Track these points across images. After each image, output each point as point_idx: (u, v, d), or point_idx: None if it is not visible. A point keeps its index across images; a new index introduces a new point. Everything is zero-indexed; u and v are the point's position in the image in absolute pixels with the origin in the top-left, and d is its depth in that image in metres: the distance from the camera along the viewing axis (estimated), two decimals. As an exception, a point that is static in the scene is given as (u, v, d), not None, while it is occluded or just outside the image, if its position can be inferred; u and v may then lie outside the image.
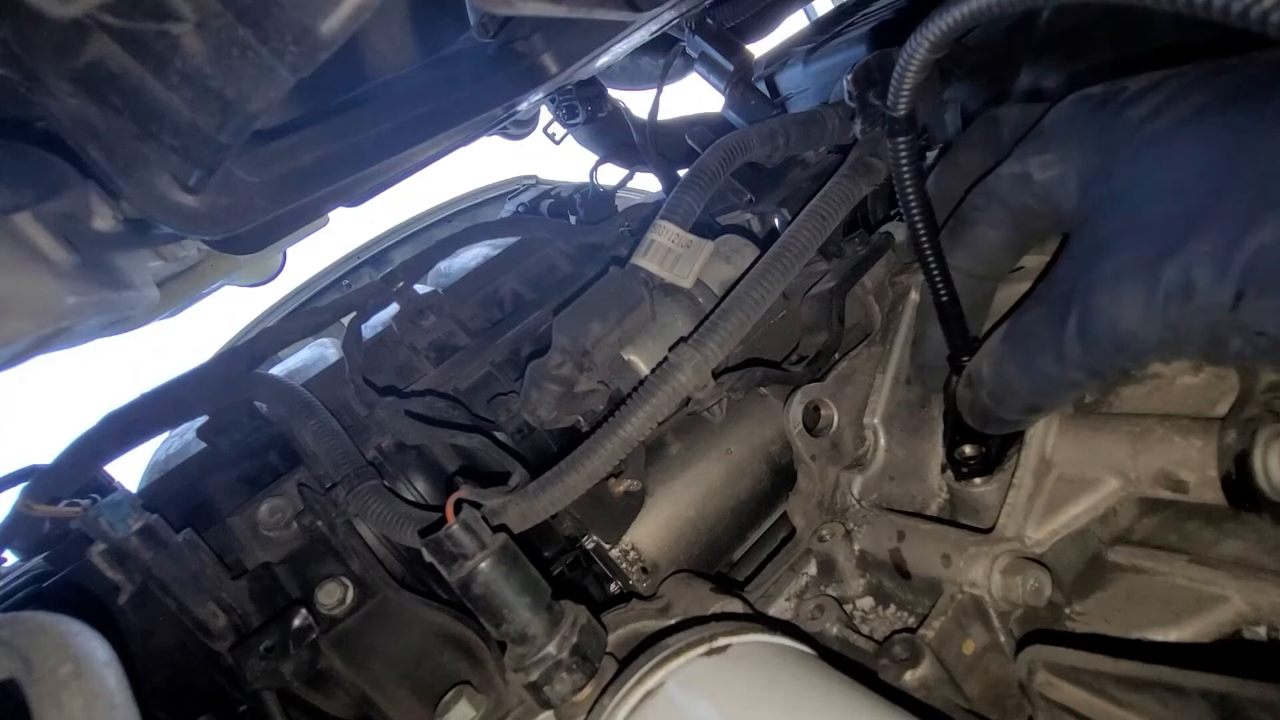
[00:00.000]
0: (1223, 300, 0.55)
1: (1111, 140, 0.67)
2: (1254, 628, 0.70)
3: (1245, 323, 0.55)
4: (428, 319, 1.17)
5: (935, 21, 0.63)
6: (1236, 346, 0.57)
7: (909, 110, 0.74)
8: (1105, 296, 0.63)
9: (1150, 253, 0.60)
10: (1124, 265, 0.62)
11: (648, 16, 0.90)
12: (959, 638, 0.78)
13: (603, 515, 0.95)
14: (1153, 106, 0.64)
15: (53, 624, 0.65)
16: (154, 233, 0.96)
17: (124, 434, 1.04)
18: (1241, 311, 0.55)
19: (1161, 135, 0.63)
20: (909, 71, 0.69)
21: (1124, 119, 0.66)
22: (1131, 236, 0.63)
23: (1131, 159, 0.65)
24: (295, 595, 0.92)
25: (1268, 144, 0.54)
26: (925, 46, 0.66)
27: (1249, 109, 0.57)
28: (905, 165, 0.78)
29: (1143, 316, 0.61)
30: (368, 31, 0.99)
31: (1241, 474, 0.69)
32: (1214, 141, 0.58)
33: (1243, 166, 0.55)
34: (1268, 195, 0.53)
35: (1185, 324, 0.59)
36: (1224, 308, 0.56)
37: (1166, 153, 0.62)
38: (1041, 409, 0.78)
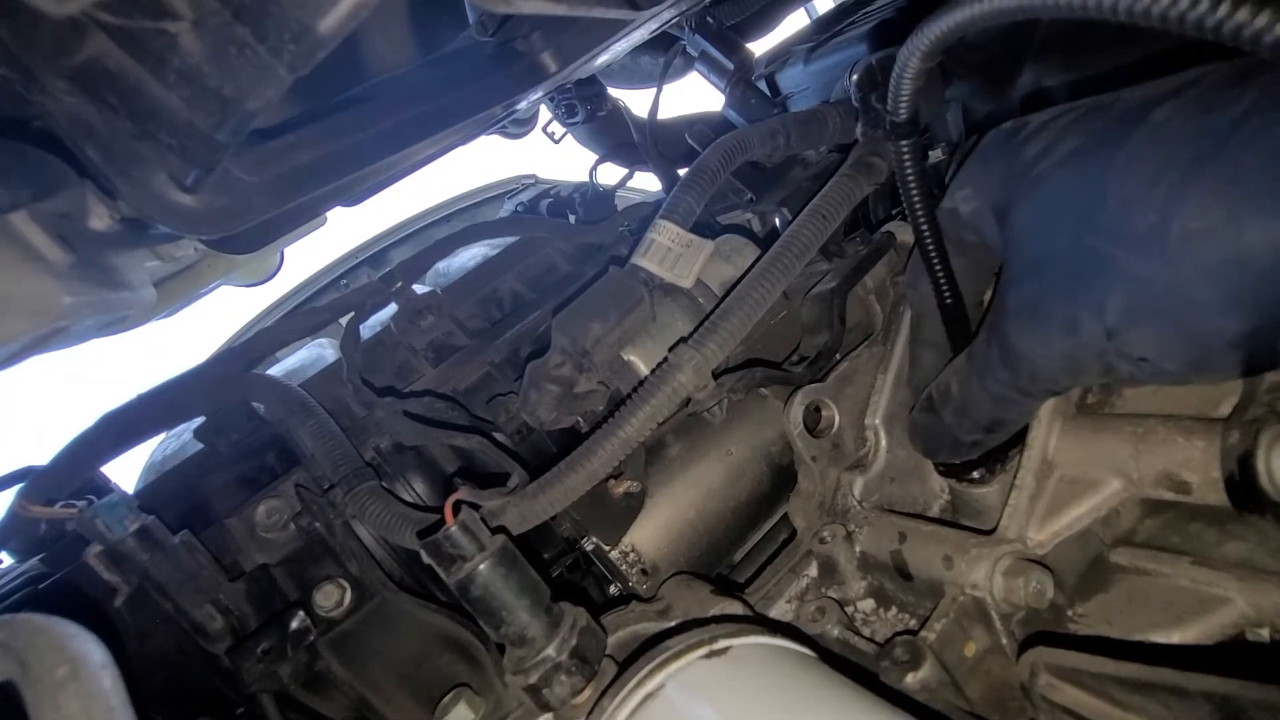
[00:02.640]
0: (1099, 335, 0.62)
1: (1011, 177, 0.72)
2: (1257, 629, 0.69)
3: (1125, 351, 0.61)
4: (426, 319, 1.17)
5: (928, 29, 0.65)
6: (1128, 371, 0.63)
7: (910, 114, 0.75)
8: (1011, 327, 0.70)
9: (1043, 289, 0.66)
10: (1023, 300, 0.69)
11: (647, 15, 0.89)
12: (961, 640, 0.78)
13: (602, 516, 0.94)
14: (1042, 146, 0.70)
15: (49, 626, 0.64)
16: (151, 232, 0.95)
17: (121, 435, 1.04)
18: (1118, 343, 0.61)
19: (1045, 177, 0.68)
20: (906, 77, 0.71)
21: (1021, 158, 0.71)
22: (1029, 272, 0.69)
23: (1025, 198, 0.70)
24: (293, 597, 0.91)
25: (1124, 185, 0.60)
26: (919, 54, 0.68)
27: (1107, 152, 0.62)
28: (909, 167, 0.80)
29: (1042, 348, 0.67)
30: (366, 30, 0.98)
31: (1245, 475, 0.69)
32: (1085, 183, 0.64)
33: (1106, 207, 0.61)
34: (1124, 235, 0.59)
35: (1078, 354, 0.65)
36: (1103, 339, 0.62)
37: (1048, 193, 0.68)
38: (1001, 423, 0.81)
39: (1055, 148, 0.68)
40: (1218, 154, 0.54)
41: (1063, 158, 0.67)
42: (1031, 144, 0.71)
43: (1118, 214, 0.60)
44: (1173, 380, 0.63)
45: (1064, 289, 0.64)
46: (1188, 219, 0.55)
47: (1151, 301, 0.59)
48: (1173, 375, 0.62)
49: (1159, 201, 0.57)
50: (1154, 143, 0.59)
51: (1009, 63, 1.09)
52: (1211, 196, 0.54)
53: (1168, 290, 0.57)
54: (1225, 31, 0.43)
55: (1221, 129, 0.55)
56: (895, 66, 0.71)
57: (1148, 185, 0.58)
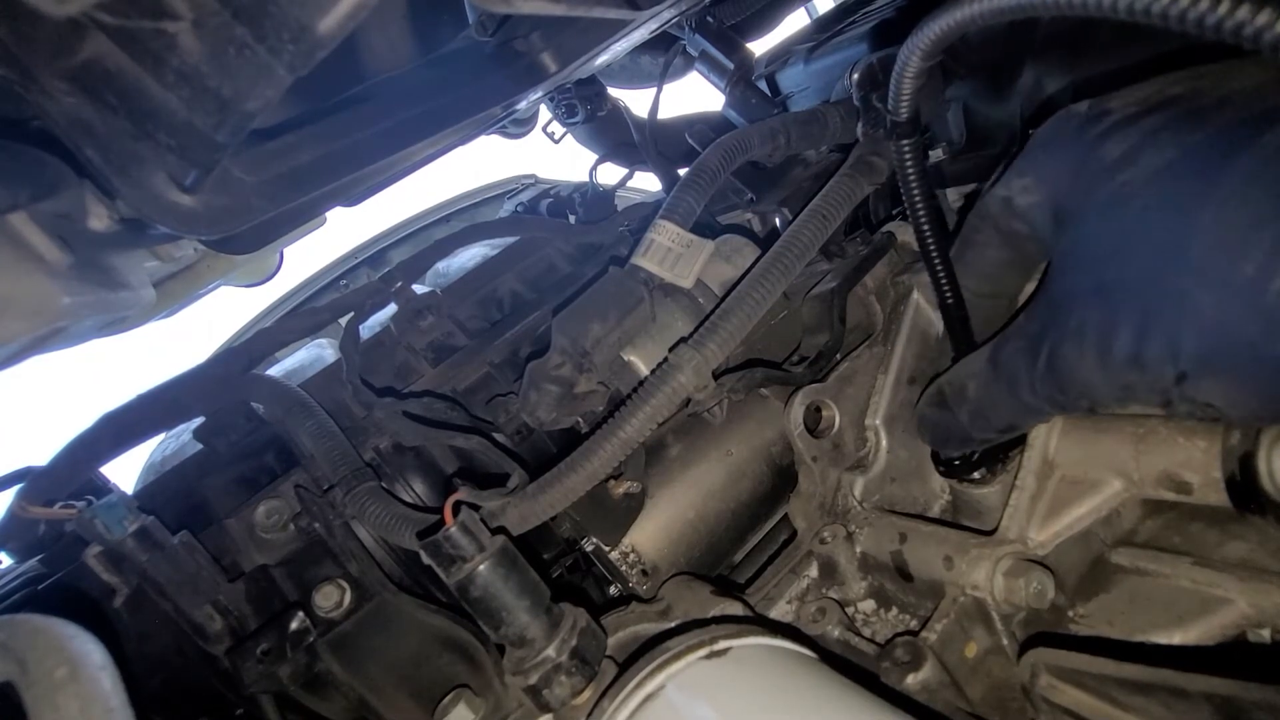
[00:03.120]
0: (1168, 377, 0.58)
1: (1084, 179, 0.67)
2: (1258, 630, 0.69)
3: (1191, 396, 0.58)
4: (426, 319, 1.17)
5: (928, 28, 0.64)
6: (1186, 410, 0.60)
7: (911, 113, 0.74)
8: (1069, 348, 0.66)
9: (1108, 316, 0.62)
10: (1085, 322, 0.64)
11: (647, 15, 0.89)
12: (961, 640, 0.78)
13: (602, 517, 0.94)
14: (1124, 150, 0.63)
15: (48, 627, 0.64)
16: (150, 232, 0.95)
17: (120, 435, 1.04)
18: (1186, 388, 0.58)
19: (1128, 194, 0.62)
20: (907, 77, 0.70)
21: (1098, 158, 0.65)
22: (1094, 293, 0.64)
23: (1100, 210, 0.65)
24: (292, 598, 0.91)
25: (1222, 223, 0.54)
26: (920, 52, 0.66)
27: (1208, 181, 0.56)
28: (910, 167, 0.79)
29: (1100, 375, 0.63)
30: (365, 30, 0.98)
31: (1246, 475, 0.68)
32: (1174, 208, 0.58)
33: (1198, 244, 0.56)
34: (1213, 280, 0.54)
35: (1137, 389, 0.61)
36: (1170, 382, 0.58)
37: (1129, 214, 0.62)
38: (1018, 428, 0.79)
39: (1141, 156, 0.62)
40: None
41: (1152, 172, 0.60)
42: (1111, 143, 0.65)
43: (1209, 255, 0.54)
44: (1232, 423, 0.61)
45: (1136, 322, 0.59)
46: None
47: (1233, 355, 0.54)
48: (1235, 420, 0.59)
49: (1262, 251, 0.51)
50: (1263, 177, 0.53)
51: (1010, 62, 1.09)
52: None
53: (1255, 347, 0.53)
54: (1225, 30, 0.43)
55: None
56: (896, 65, 0.70)
57: (1249, 228, 0.52)
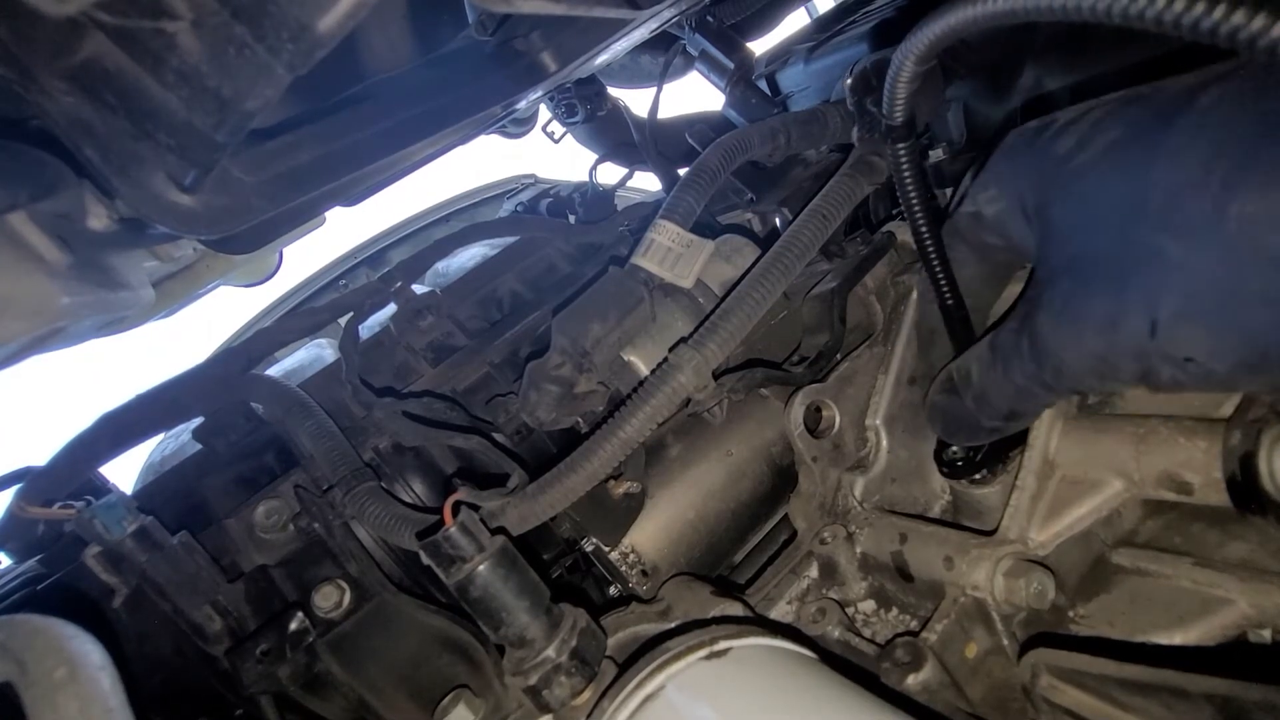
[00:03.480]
0: (1142, 329, 0.58)
1: (1043, 173, 0.70)
2: (1258, 630, 0.69)
3: (1171, 352, 0.58)
4: (425, 319, 1.16)
5: (921, 33, 0.64)
6: (1169, 374, 0.59)
7: (906, 117, 0.75)
8: (1043, 320, 0.67)
9: (1081, 285, 0.63)
10: (1058, 295, 0.65)
11: (647, 14, 0.89)
12: (962, 641, 0.78)
13: (602, 517, 0.94)
14: (1075, 140, 0.67)
15: (47, 627, 0.64)
16: (149, 232, 0.95)
17: (119, 435, 1.04)
18: (1162, 342, 0.57)
19: (1083, 169, 0.65)
20: (900, 82, 0.71)
21: (1052, 153, 0.68)
22: (1067, 268, 0.66)
23: (1061, 193, 0.67)
24: (292, 598, 0.91)
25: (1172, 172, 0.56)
26: (913, 58, 0.67)
27: (1151, 141, 0.59)
28: (906, 170, 0.79)
29: (1075, 346, 0.64)
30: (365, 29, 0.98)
31: (1247, 476, 0.68)
32: (1128, 173, 0.60)
33: (1153, 197, 0.57)
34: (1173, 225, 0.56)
35: (1114, 353, 0.61)
36: (1144, 336, 0.58)
37: (1087, 187, 0.64)
38: (1020, 415, 0.79)
39: (1091, 140, 0.65)
40: (1276, 137, 0.51)
41: (1102, 149, 0.64)
42: (1063, 139, 0.68)
43: (1166, 203, 0.56)
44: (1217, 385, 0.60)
45: (1105, 285, 0.61)
46: (1245, 204, 0.51)
47: (1203, 295, 0.55)
48: (1219, 378, 0.58)
49: (1214, 187, 0.53)
50: (1204, 127, 0.55)
51: (1010, 62, 1.09)
52: (1271, 180, 0.50)
53: (1222, 282, 0.54)
54: (1221, 34, 0.43)
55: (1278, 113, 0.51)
56: (890, 70, 0.70)
57: (1199, 171, 0.54)
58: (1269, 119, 0.52)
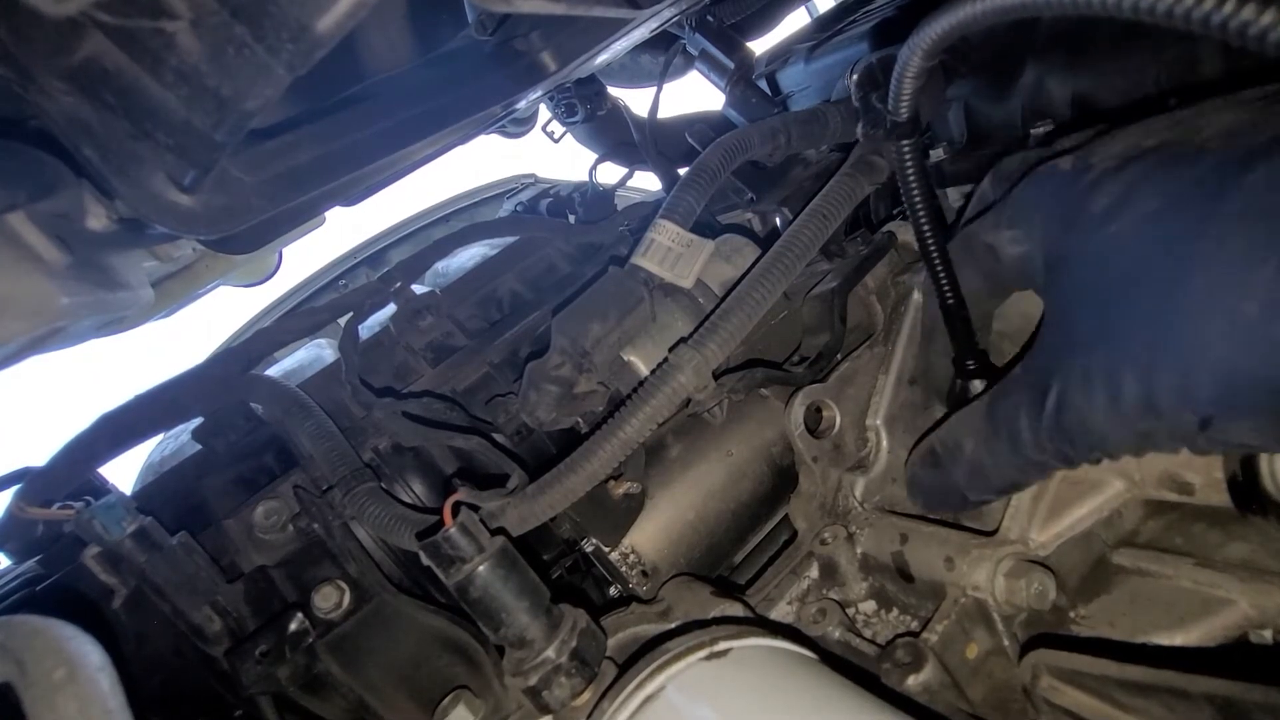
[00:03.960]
0: (1190, 423, 0.56)
1: (1074, 230, 0.66)
2: (1260, 631, 0.69)
3: (1222, 439, 0.56)
4: (425, 319, 1.16)
5: (929, 28, 0.63)
6: (1214, 449, 0.58)
7: (911, 113, 0.74)
8: (1076, 396, 0.63)
9: (1116, 359, 0.60)
10: (1092, 367, 0.62)
11: (647, 14, 0.89)
12: (962, 641, 0.78)
13: (602, 518, 0.94)
14: (1112, 200, 0.63)
15: (46, 628, 0.64)
16: (149, 232, 0.95)
17: (118, 436, 1.03)
18: (1214, 432, 0.55)
19: (1122, 239, 0.62)
20: (907, 77, 0.70)
21: (1086, 210, 0.65)
22: (1098, 338, 0.62)
23: (1095, 257, 0.64)
24: (291, 599, 0.91)
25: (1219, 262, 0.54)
26: (920, 53, 0.66)
27: (1198, 214, 0.56)
28: (910, 167, 0.79)
29: (1112, 423, 0.61)
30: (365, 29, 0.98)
31: (1248, 476, 0.68)
32: (1171, 253, 0.57)
33: (1197, 284, 0.55)
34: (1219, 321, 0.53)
35: (1156, 435, 0.59)
36: (1194, 428, 0.56)
37: (1123, 259, 0.61)
38: (1020, 486, 0.77)
39: (1129, 204, 0.62)
40: None
41: (1140, 219, 0.60)
42: (1099, 194, 0.64)
43: (1210, 294, 0.53)
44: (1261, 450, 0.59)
45: (1140, 365, 0.58)
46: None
47: (1256, 395, 0.52)
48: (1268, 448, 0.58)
49: (1263, 288, 0.50)
50: (1252, 215, 0.52)
51: (1012, 61, 1.09)
52: None
53: (1269, 384, 0.51)
54: (1231, 30, 0.43)
55: None
56: (896, 65, 0.69)
57: (1247, 266, 0.51)
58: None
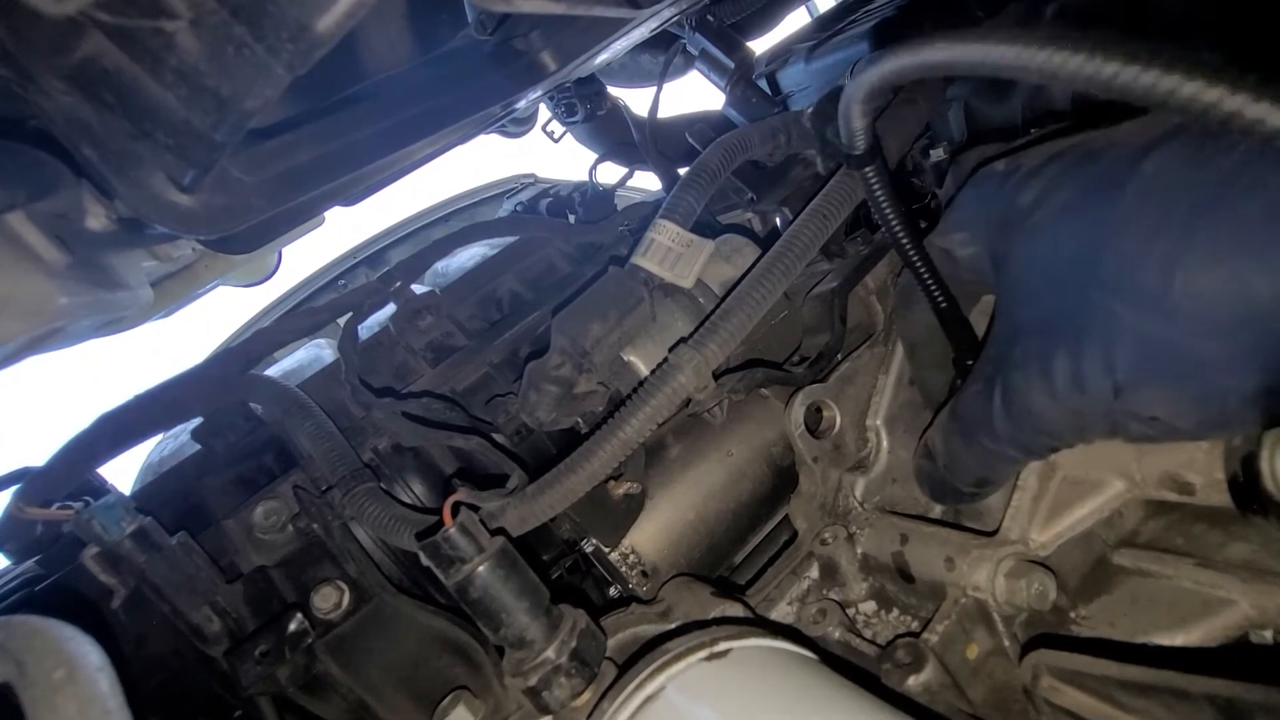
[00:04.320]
0: (1107, 393, 0.59)
1: (1007, 225, 0.71)
2: (1260, 631, 0.69)
3: (1134, 410, 0.59)
4: (425, 319, 1.16)
5: (865, 74, 0.65)
6: (1139, 430, 0.61)
7: (867, 144, 0.77)
8: (1017, 379, 0.67)
9: (1050, 343, 0.64)
10: (1027, 352, 0.66)
11: (647, 14, 0.89)
12: (963, 642, 0.78)
13: (602, 518, 0.94)
14: (1035, 195, 0.68)
15: (45, 628, 0.64)
16: (148, 232, 0.95)
17: (118, 436, 1.03)
18: (1127, 401, 0.59)
19: (1041, 228, 0.67)
20: (854, 120, 0.73)
21: (1016, 206, 0.70)
22: (1032, 325, 0.67)
23: (1022, 249, 0.69)
24: (291, 599, 0.91)
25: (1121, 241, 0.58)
26: (859, 100, 0.69)
27: (1103, 207, 0.61)
28: (878, 191, 0.81)
29: (1048, 403, 0.65)
30: (364, 28, 0.98)
31: (1248, 476, 0.68)
32: (1082, 237, 0.62)
33: (1105, 263, 0.59)
34: (1125, 293, 0.57)
35: (1085, 411, 0.63)
36: (1109, 398, 0.59)
37: (1044, 247, 0.66)
38: (990, 482, 0.80)
39: (1049, 197, 0.66)
40: (1215, 207, 0.52)
41: (1058, 210, 0.65)
42: (1025, 190, 0.69)
43: (1117, 270, 0.58)
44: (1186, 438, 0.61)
45: (1069, 344, 0.62)
46: (1189, 277, 0.53)
47: (1159, 360, 0.57)
48: (1188, 433, 0.60)
49: (1158, 259, 0.55)
50: (1147, 196, 0.57)
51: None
52: (1212, 253, 0.52)
53: (1174, 350, 0.55)
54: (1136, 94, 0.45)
55: (1216, 181, 0.53)
56: (840, 108, 0.73)
57: (1145, 241, 0.56)
58: (1206, 190, 0.53)
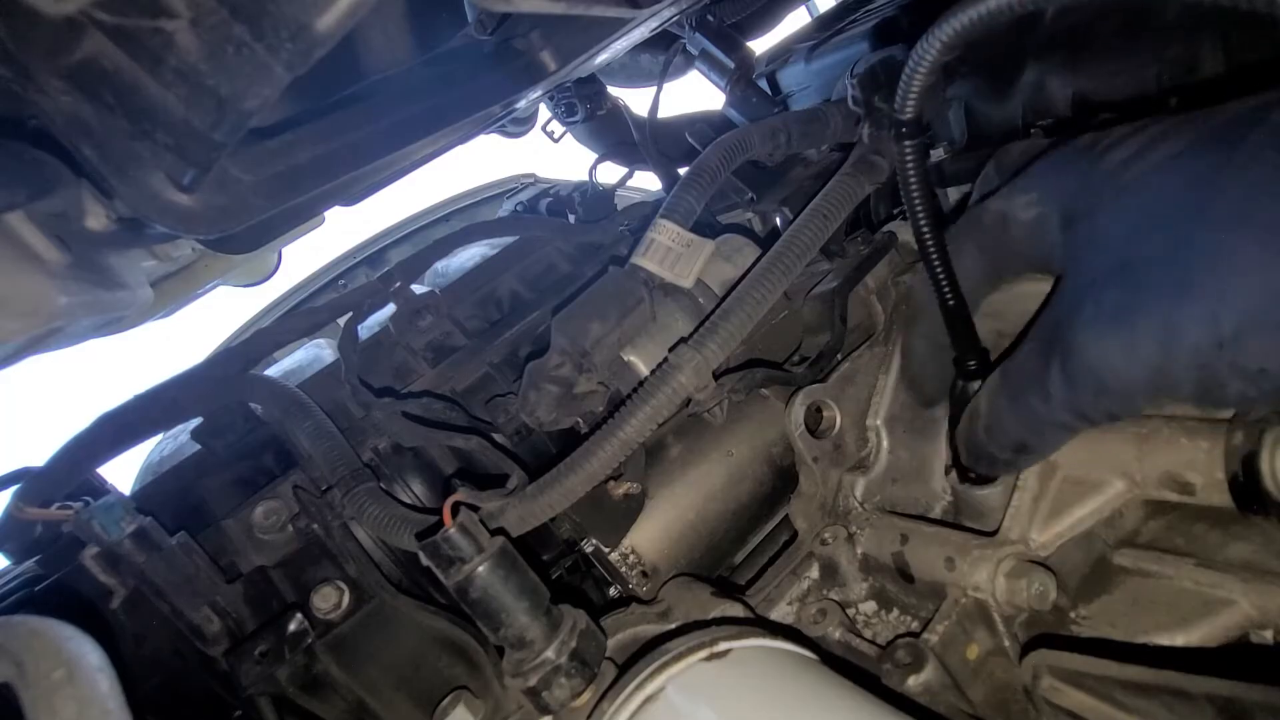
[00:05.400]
0: (1213, 340, 0.54)
1: (1094, 183, 0.67)
2: (1260, 631, 0.69)
3: (1242, 362, 0.53)
4: (425, 319, 1.16)
5: (948, 23, 0.62)
6: (1237, 389, 0.55)
7: (916, 113, 0.74)
8: (1087, 337, 0.62)
9: (1133, 295, 0.59)
10: (1106, 307, 0.61)
11: (647, 13, 0.89)
12: (963, 642, 0.78)
13: (602, 518, 0.94)
14: (1133, 150, 0.64)
15: (45, 628, 0.64)
16: (148, 232, 0.95)
17: (117, 436, 1.03)
18: (1235, 350, 0.53)
19: (1142, 179, 0.62)
20: (918, 74, 0.69)
21: (1106, 163, 0.66)
22: (1115, 277, 0.61)
23: (1113, 202, 0.64)
24: (290, 599, 0.91)
25: (1243, 182, 0.53)
26: (937, 48, 0.65)
27: (1221, 150, 0.56)
28: (912, 169, 0.78)
29: (1125, 359, 0.59)
30: (364, 28, 0.98)
31: (1249, 476, 0.68)
32: (1192, 183, 0.57)
33: (1227, 198, 0.54)
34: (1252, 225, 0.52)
35: (1173, 366, 0.57)
36: (1215, 347, 0.54)
37: (1145, 194, 0.61)
38: (1031, 449, 0.76)
39: (1149, 153, 0.62)
40: None
41: (1162, 159, 0.61)
42: (1117, 151, 0.65)
43: (1240, 205, 0.53)
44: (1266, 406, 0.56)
45: (1165, 290, 0.56)
46: None
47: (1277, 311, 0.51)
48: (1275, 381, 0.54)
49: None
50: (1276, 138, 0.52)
51: (1012, 61, 1.09)
52: None
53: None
54: None
55: None
56: (910, 60, 0.68)
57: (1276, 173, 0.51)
58: None
